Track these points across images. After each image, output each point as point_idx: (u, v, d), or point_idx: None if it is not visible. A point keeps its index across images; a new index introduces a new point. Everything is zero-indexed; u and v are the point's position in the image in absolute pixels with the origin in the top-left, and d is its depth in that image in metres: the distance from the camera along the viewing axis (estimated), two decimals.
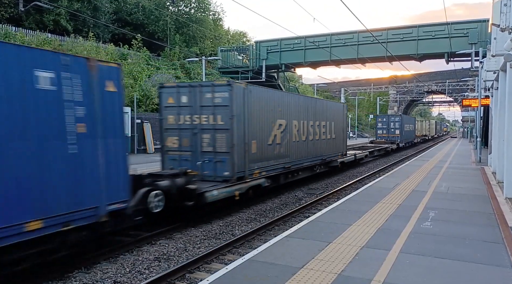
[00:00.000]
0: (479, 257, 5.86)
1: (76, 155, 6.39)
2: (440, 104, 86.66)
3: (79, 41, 26.45)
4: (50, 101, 6.06)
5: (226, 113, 10.71)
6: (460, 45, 23.51)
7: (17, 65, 5.65)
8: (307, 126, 15.84)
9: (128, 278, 6.63)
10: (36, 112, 5.85)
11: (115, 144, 7.19)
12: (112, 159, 7.08)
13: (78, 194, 6.46)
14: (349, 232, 7.13)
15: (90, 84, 6.68)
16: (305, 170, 15.96)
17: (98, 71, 6.84)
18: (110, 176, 7.00)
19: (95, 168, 6.72)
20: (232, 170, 10.80)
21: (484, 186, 12.72)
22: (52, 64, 6.12)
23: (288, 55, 28.41)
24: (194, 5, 41.89)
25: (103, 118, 6.88)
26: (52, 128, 6.07)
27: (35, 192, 5.82)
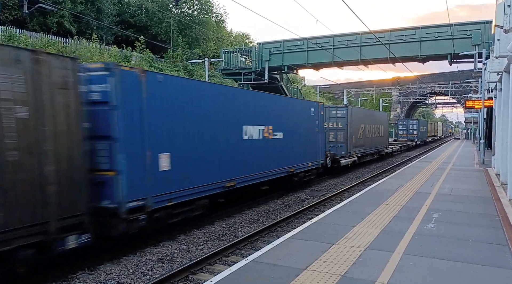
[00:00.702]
0: (482, 258, 5.84)
1: (317, 140, 16.26)
2: (443, 106, 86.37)
3: (82, 43, 26.54)
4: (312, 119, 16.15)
5: (343, 121, 20.52)
6: (463, 46, 23.46)
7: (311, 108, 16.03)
8: (371, 128, 24.71)
9: (131, 279, 6.65)
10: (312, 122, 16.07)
11: (322, 136, 17.05)
12: (321, 142, 16.74)
13: (316, 155, 16.27)
14: (352, 234, 7.12)
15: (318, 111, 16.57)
16: (369, 155, 25.42)
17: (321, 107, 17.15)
18: (320, 149, 16.70)
19: (317, 145, 16.34)
20: (346, 151, 20.50)
21: (487, 188, 12.67)
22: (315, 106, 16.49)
23: (290, 56, 28.41)
24: (197, 7, 41.97)
25: (321, 125, 16.80)
26: (313, 129, 16.01)
27: (310, 153, 15.80)
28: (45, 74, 6.00)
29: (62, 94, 6.27)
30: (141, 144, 7.68)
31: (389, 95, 70.63)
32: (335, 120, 20.50)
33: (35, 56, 5.92)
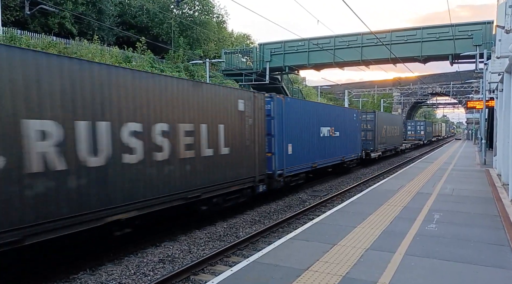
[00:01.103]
0: (483, 259, 5.84)
1: (357, 138, 22.16)
2: (444, 106, 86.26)
3: (83, 44, 26.58)
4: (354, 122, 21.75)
5: (372, 123, 25.29)
6: (464, 47, 23.43)
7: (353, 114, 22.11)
8: (390, 129, 29.94)
9: (132, 280, 6.66)
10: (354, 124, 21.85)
11: (360, 135, 22.65)
12: (355, 138, 21.79)
13: (356, 149, 21.91)
14: (353, 234, 7.12)
15: (358, 116, 22.61)
16: (389, 151, 30.40)
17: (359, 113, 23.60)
18: (359, 145, 22.44)
19: (357, 141, 22.11)
20: (374, 147, 25.24)
21: (489, 188, 12.66)
22: (356, 112, 22.92)
23: (291, 57, 28.40)
24: (198, 7, 42.02)
25: (359, 127, 22.53)
26: (355, 129, 21.87)
27: (353, 147, 21.50)
28: (256, 103, 11.93)
29: (261, 112, 12.19)
30: (282, 138, 13.43)
31: (390, 95, 70.58)
32: (365, 123, 25.27)
33: (253, 94, 11.95)
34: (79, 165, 6.50)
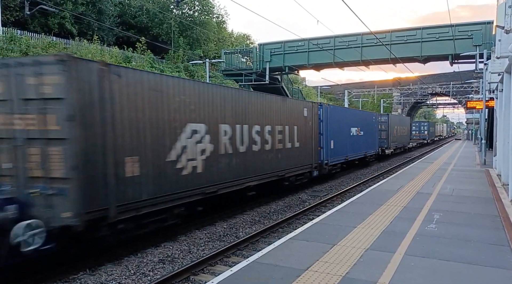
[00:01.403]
0: (483, 259, 5.83)
1: (375, 137, 26.58)
2: (444, 106, 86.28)
3: (83, 44, 26.58)
4: (373, 123, 26.26)
5: (386, 124, 29.40)
6: (464, 47, 23.39)
7: (373, 117, 27.02)
8: (400, 129, 34.36)
9: (132, 280, 6.66)
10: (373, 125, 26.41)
11: (377, 135, 27.17)
12: (374, 137, 26.36)
13: (375, 146, 26.28)
14: (353, 234, 7.12)
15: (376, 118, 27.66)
16: (399, 149, 34.50)
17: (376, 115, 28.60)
18: (376, 142, 26.72)
19: (375, 140, 26.55)
20: (387, 144, 29.40)
21: (489, 188, 12.65)
22: (375, 115, 28.36)
23: (291, 57, 28.35)
24: (198, 8, 42.03)
25: (377, 127, 27.16)
26: (374, 130, 26.44)
27: (372, 145, 25.88)
28: (313, 110, 16.06)
29: (315, 117, 16.10)
30: (327, 136, 17.38)
31: (390, 96, 70.57)
32: (380, 124, 28.95)
33: (312, 104, 16.36)
34: (236, 151, 10.86)
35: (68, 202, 6.28)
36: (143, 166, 7.61)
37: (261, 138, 12.07)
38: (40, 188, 6.41)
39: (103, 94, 6.82)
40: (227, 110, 10.52)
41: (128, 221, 7.39)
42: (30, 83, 6.47)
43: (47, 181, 6.40)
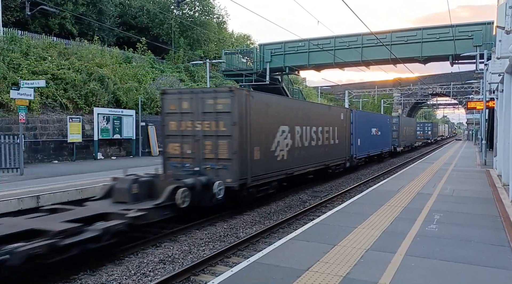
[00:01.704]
0: (484, 259, 5.83)
1: (389, 136, 30.82)
2: (444, 107, 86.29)
3: (84, 44, 26.60)
4: (387, 124, 30.09)
5: (397, 125, 32.92)
6: (464, 47, 23.41)
7: (387, 119, 31.61)
8: (408, 129, 39.20)
9: (133, 281, 6.66)
10: (388, 126, 30.15)
11: (391, 134, 31.26)
12: (388, 136, 30.30)
13: (388, 145, 30.31)
14: (354, 235, 7.12)
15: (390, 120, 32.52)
16: (407, 147, 38.66)
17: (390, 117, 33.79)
18: (389, 140, 30.82)
19: (389, 139, 30.55)
20: (398, 143, 33.73)
21: (489, 189, 12.65)
22: (390, 117, 33.97)
23: (292, 58, 28.38)
24: (199, 8, 42.04)
25: (390, 128, 31.09)
26: (387, 130, 29.93)
27: (387, 143, 29.92)
28: (347, 113, 20.53)
29: (348, 119, 20.26)
30: (355, 135, 20.85)
31: (391, 96, 70.55)
32: (392, 125, 32.48)
33: (346, 109, 21.58)
34: (303, 145, 14.68)
35: (230, 173, 10.67)
36: (261, 153, 11.81)
37: (316, 136, 16.09)
38: (210, 165, 10.93)
39: (246, 108, 11.03)
40: (298, 116, 14.46)
41: (254, 187, 11.59)
42: (209, 103, 10.89)
43: (216, 160, 10.84)
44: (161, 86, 28.31)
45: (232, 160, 10.62)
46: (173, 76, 32.59)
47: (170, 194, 9.02)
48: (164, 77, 30.59)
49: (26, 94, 14.40)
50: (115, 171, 15.98)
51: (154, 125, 24.97)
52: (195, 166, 11.07)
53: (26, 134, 17.94)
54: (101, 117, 21.60)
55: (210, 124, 10.92)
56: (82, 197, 11.00)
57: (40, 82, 15.73)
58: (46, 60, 22.12)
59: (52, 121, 19.91)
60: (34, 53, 22.05)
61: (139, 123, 24.10)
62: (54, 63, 22.25)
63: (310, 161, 15.47)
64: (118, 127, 22.59)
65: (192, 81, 36.44)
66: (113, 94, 24.37)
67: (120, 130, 22.71)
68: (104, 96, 23.34)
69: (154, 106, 26.67)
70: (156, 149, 24.96)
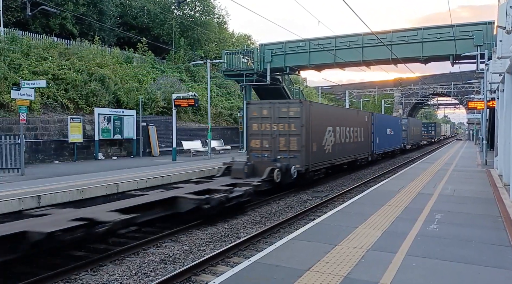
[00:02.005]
0: (485, 259, 5.83)
1: (400, 136, 34.67)
2: (445, 107, 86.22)
3: (85, 44, 26.62)
4: (399, 125, 34.89)
5: (406, 126, 38.27)
6: (465, 47, 23.37)
7: (399, 120, 36.33)
8: (416, 129, 44.87)
9: (134, 280, 6.66)
10: (399, 127, 34.71)
11: (401, 134, 35.38)
12: (399, 135, 34.29)
13: (400, 143, 34.44)
14: (354, 235, 7.12)
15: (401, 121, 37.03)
16: (414, 145, 43.47)
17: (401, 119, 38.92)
18: (400, 139, 34.70)
19: (400, 138, 34.43)
20: (407, 142, 38.28)
21: (490, 189, 12.64)
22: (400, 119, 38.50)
23: (292, 58, 28.35)
24: (199, 8, 42.04)
25: (401, 128, 35.60)
26: (399, 130, 34.16)
27: (398, 141, 34.06)
28: (369, 116, 24.58)
29: (370, 121, 24.34)
30: (375, 134, 25.04)
31: (391, 96, 70.51)
32: (402, 125, 36.54)
33: (370, 113, 25.61)
34: (340, 141, 18.47)
35: (298, 161, 14.74)
36: (317, 147, 15.98)
37: (349, 134, 20.04)
38: (283, 155, 14.88)
39: (309, 114, 15.06)
40: (338, 118, 18.57)
41: (312, 172, 15.70)
42: (283, 110, 14.96)
43: (288, 152, 14.90)
44: (162, 86, 28.33)
45: (300, 152, 14.78)
46: (173, 76, 32.61)
47: (269, 173, 13.51)
48: (164, 77, 30.60)
49: (27, 94, 14.41)
50: (116, 171, 16.00)
51: (154, 126, 24.97)
52: (272, 156, 15.14)
53: (27, 134, 17.96)
54: (102, 118, 21.61)
55: (284, 126, 15.01)
56: (83, 197, 11.02)
57: (41, 83, 15.75)
58: (47, 60, 22.15)
59: (53, 121, 19.93)
60: (34, 53, 22.08)
61: (140, 124, 24.11)
62: (55, 63, 22.27)
63: (346, 154, 19.65)
64: (119, 127, 22.61)
65: (193, 82, 36.45)
66: (113, 95, 24.38)
67: (120, 131, 22.73)
68: (104, 97, 23.36)
69: (154, 106, 26.68)
70: (157, 149, 24.97)
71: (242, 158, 16.25)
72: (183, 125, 28.30)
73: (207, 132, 24.64)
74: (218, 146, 28.37)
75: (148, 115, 25.71)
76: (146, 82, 28.06)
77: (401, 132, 35.33)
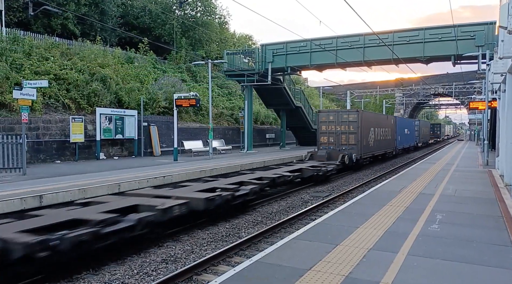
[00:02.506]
0: (486, 259, 5.83)
1: (414, 135, 42.27)
2: (446, 107, 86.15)
3: (86, 45, 26.66)
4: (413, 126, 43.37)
5: (417, 126, 45.80)
6: (467, 47, 23.35)
7: (413, 122, 45.15)
8: (425, 130, 52.65)
9: (136, 280, 6.68)
10: (413, 128, 42.78)
11: (415, 134, 43.27)
12: (412, 135, 41.09)
13: (413, 141, 42.04)
14: (356, 235, 7.13)
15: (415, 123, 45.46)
16: (423, 144, 51.01)
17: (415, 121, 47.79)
18: (413, 138, 41.96)
19: (413, 137, 41.92)
20: (418, 140, 45.78)
21: (491, 189, 12.64)
22: (414, 121, 46.97)
23: (293, 58, 28.35)
24: (200, 9, 42.09)
25: (415, 129, 43.50)
26: (412, 130, 41.63)
27: (412, 140, 41.60)
28: (394, 119, 32.23)
29: (395, 123, 31.53)
30: (397, 133, 32.34)
31: (392, 96, 70.46)
32: (415, 126, 43.68)
33: (394, 116, 35.17)
34: (377, 138, 25.53)
35: (355, 151, 21.38)
36: (365, 142, 22.72)
37: (382, 133, 26.45)
38: (344, 147, 21.52)
39: (361, 119, 21.84)
40: (376, 121, 25.31)
41: (362, 159, 22.43)
42: (345, 116, 21.88)
43: (347, 145, 21.59)
44: (163, 86, 28.36)
45: (356, 145, 21.55)
46: (175, 76, 32.64)
47: (341, 158, 20.05)
48: (166, 77, 30.63)
49: (28, 94, 14.44)
50: (117, 171, 16.03)
51: (156, 126, 25.00)
52: (336, 148, 21.72)
53: (28, 134, 17.99)
54: (103, 118, 21.65)
55: (345, 127, 21.77)
56: (85, 196, 11.04)
57: (42, 82, 15.78)
58: (49, 60, 22.19)
59: (55, 121, 19.97)
60: (36, 53, 22.12)
61: (141, 124, 24.14)
62: (57, 63, 22.31)
63: (380, 148, 26.61)
64: (120, 127, 22.64)
65: (194, 82, 36.48)
66: (115, 95, 24.42)
67: (122, 131, 22.76)
68: (106, 97, 23.40)
69: (156, 106, 26.71)
70: (158, 149, 25.00)
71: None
72: (184, 125, 28.33)
73: (208, 133, 24.65)
74: (219, 146, 28.39)
75: (149, 115, 25.74)
76: (147, 82, 28.09)
77: (414, 132, 42.48)
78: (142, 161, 21.16)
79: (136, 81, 27.07)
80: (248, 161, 20.08)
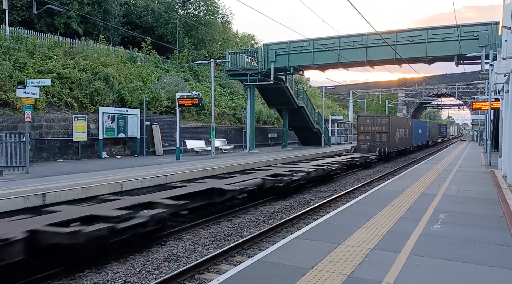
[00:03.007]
0: (489, 259, 5.82)
1: (426, 135, 49.07)
2: (449, 108, 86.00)
3: (89, 44, 26.73)
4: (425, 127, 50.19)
5: (429, 127, 53.38)
6: (470, 47, 23.30)
7: (425, 123, 53.62)
8: (434, 130, 60.48)
9: (138, 278, 6.70)
10: (425, 128, 49.47)
11: (427, 134, 49.98)
12: (424, 135, 47.67)
13: (426, 139, 49.32)
14: (358, 234, 7.12)
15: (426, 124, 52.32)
16: (433, 142, 58.35)
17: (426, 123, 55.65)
18: (425, 137, 48.52)
19: (425, 136, 48.51)
20: (429, 139, 52.86)
21: (494, 189, 12.61)
22: (426, 122, 55.12)
23: (296, 57, 28.35)
24: (203, 8, 42.13)
25: (426, 129, 49.37)
26: (424, 130, 47.87)
27: (425, 139, 48.57)
28: (411, 121, 38.93)
29: (411, 124, 38.28)
30: (413, 133, 38.91)
31: (395, 96, 70.35)
32: (426, 127, 49.05)
33: (411, 118, 47.56)
34: (400, 136, 32.32)
35: (387, 146, 28.25)
36: (393, 139, 29.76)
37: (403, 133, 31.82)
38: (378, 143, 28.22)
39: (391, 122, 29.36)
40: (400, 123, 31.44)
41: (391, 153, 29.55)
42: (378, 120, 29.03)
43: (380, 142, 28.34)
44: (166, 86, 28.40)
45: (387, 142, 27.58)
46: (177, 75, 32.68)
47: (379, 151, 26.32)
48: (168, 76, 30.67)
49: (32, 93, 14.48)
50: (120, 169, 16.07)
51: (158, 125, 25.04)
52: (371, 144, 27.80)
53: (31, 133, 18.06)
54: (106, 117, 21.70)
55: (378, 128, 27.84)
56: (88, 195, 11.08)
57: (46, 81, 15.82)
58: (52, 59, 22.26)
59: (58, 120, 20.03)
60: (39, 52, 22.20)
61: (144, 123, 24.19)
62: (60, 62, 22.38)
63: (402, 145, 32.68)
64: (123, 126, 22.69)
65: (197, 81, 36.52)
66: (118, 94, 24.47)
67: (124, 130, 22.81)
68: (109, 96, 23.45)
69: (158, 105, 26.75)
70: (161, 148, 25.04)
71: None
72: (186, 124, 28.37)
73: (210, 132, 24.67)
74: (222, 145, 28.41)
75: (152, 114, 25.79)
76: (150, 82, 28.14)
77: (426, 132, 48.35)
78: (145, 160, 21.20)
79: (139, 81, 27.12)
80: (250, 161, 20.10)
